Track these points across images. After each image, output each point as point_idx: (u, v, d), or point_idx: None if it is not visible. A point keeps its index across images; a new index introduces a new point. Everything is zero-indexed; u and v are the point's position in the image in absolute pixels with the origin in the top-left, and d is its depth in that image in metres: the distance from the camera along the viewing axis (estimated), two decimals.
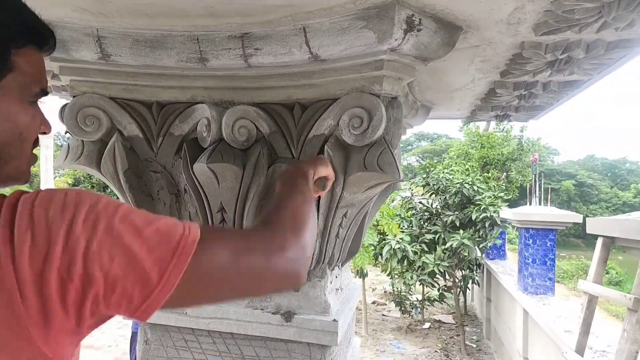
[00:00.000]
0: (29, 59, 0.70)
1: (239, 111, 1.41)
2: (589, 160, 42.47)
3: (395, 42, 1.15)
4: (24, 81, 0.70)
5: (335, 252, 1.61)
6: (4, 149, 0.69)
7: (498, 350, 8.55)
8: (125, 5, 1.14)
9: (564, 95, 1.85)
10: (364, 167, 1.32)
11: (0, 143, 0.68)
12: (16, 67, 0.68)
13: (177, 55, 1.32)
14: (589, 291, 3.74)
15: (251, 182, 1.46)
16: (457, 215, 9.10)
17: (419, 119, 2.19)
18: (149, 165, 1.55)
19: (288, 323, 1.57)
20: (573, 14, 1.08)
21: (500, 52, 1.41)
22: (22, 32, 0.68)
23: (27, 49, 0.69)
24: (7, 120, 0.68)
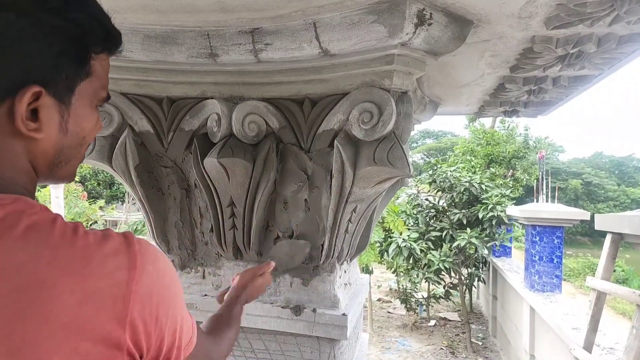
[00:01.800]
0: (103, 65, 0.71)
1: (249, 106, 1.41)
2: (596, 157, 42.18)
3: (406, 36, 1.15)
4: (96, 87, 0.71)
5: (344, 246, 1.62)
6: (68, 151, 0.70)
7: (504, 347, 8.53)
8: (138, 1, 1.14)
9: (574, 90, 1.84)
10: (374, 162, 1.33)
11: (66, 146, 0.69)
12: (93, 72, 0.68)
13: (187, 51, 1.33)
14: (597, 288, 3.72)
15: (261, 176, 1.47)
16: (464, 213, 9.07)
17: (427, 114, 2.19)
18: (160, 160, 1.56)
19: (297, 317, 1.58)
20: (585, 7, 1.07)
21: (511, 46, 1.40)
22: (101, 38, 0.68)
23: (103, 55, 0.70)
24: (76, 124, 0.69)
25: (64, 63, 0.64)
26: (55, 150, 0.68)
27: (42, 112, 0.62)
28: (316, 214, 1.52)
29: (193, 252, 1.72)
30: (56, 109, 0.65)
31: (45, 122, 0.63)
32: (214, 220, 1.58)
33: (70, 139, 0.69)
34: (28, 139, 0.63)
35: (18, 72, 0.60)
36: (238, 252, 1.62)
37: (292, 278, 1.65)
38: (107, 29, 0.69)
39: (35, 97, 0.61)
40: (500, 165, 16.49)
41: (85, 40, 0.65)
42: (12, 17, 0.58)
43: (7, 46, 0.59)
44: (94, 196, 19.58)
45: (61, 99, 0.65)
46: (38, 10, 0.60)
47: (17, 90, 0.60)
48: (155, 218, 1.63)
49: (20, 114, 0.60)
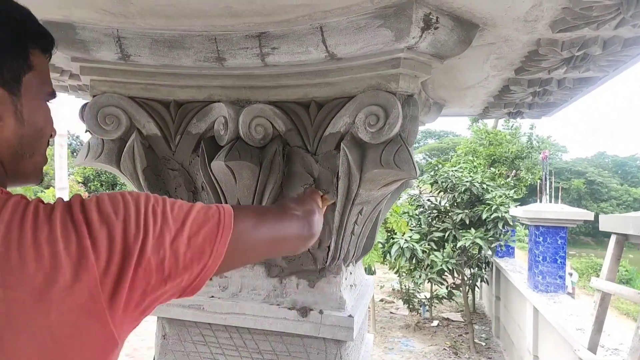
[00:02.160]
0: (41, 60, 0.74)
1: (255, 110, 1.42)
2: (599, 157, 42.11)
3: (412, 40, 1.16)
4: (39, 80, 0.74)
5: (350, 248, 1.63)
6: (28, 142, 0.72)
7: (507, 348, 8.53)
8: (147, 7, 1.16)
9: (579, 92, 1.84)
10: (381, 165, 1.33)
11: (25, 135, 0.71)
12: (34, 66, 0.72)
13: (195, 55, 1.34)
14: (602, 288, 3.72)
15: (267, 179, 1.47)
16: (467, 213, 9.07)
17: (432, 116, 2.20)
18: (167, 163, 1.58)
19: (304, 318, 1.58)
20: (591, 11, 1.08)
21: (516, 49, 1.41)
22: (34, 34, 0.72)
23: (37, 51, 0.73)
24: (29, 115, 0.71)
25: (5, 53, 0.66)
26: (16, 138, 0.70)
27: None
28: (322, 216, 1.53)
29: None
30: (8, 98, 0.67)
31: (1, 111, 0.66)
32: None
33: (28, 129, 0.71)
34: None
35: None
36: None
37: (298, 280, 1.66)
38: (37, 25, 0.73)
39: None
40: (503, 166, 16.48)
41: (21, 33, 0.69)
42: None
43: None
44: None
45: (10, 90, 0.67)
46: None
47: None
48: None
49: None
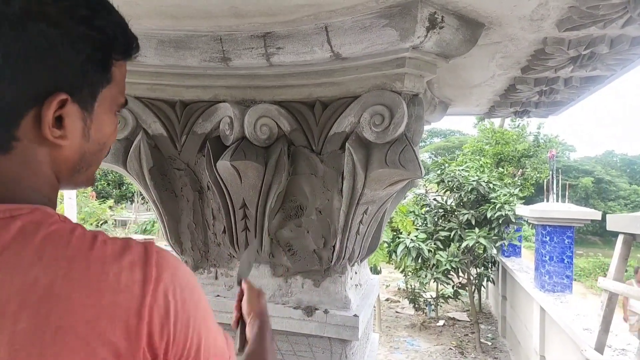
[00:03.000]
0: (121, 71, 0.71)
1: (260, 109, 1.43)
2: (607, 155, 41.79)
3: (417, 39, 1.16)
4: (115, 93, 0.71)
5: (355, 248, 1.63)
6: (89, 157, 0.71)
7: (514, 348, 8.49)
8: (153, 8, 1.16)
9: (586, 91, 1.83)
10: (386, 164, 1.33)
11: (88, 152, 0.70)
12: (113, 79, 0.69)
13: (200, 55, 1.34)
14: (609, 288, 3.69)
15: (273, 179, 1.48)
16: (473, 213, 9.03)
17: (437, 115, 2.19)
18: (173, 163, 1.58)
19: (309, 318, 1.59)
20: (598, 9, 1.07)
21: (522, 48, 1.40)
22: (123, 45, 0.69)
23: (122, 61, 0.70)
24: (98, 130, 0.69)
25: (88, 70, 0.64)
26: (78, 156, 0.68)
27: (67, 119, 0.63)
28: (327, 216, 1.53)
29: (206, 253, 1.73)
30: (79, 115, 0.65)
31: (69, 129, 0.63)
32: (226, 221, 1.60)
33: (92, 145, 0.70)
34: (53, 146, 0.63)
35: (46, 80, 0.60)
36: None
37: (303, 279, 1.66)
38: (128, 36, 0.69)
39: (61, 105, 0.61)
40: (510, 164, 16.40)
41: (108, 47, 0.66)
42: (43, 27, 0.58)
43: (37, 55, 0.59)
44: (103, 196, 19.72)
45: (84, 106, 0.65)
46: (67, 19, 0.60)
47: (45, 98, 0.60)
48: (168, 220, 1.65)
49: (48, 122, 0.60)
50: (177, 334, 0.61)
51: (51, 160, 0.65)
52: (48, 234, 0.57)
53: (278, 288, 1.68)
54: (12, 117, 0.60)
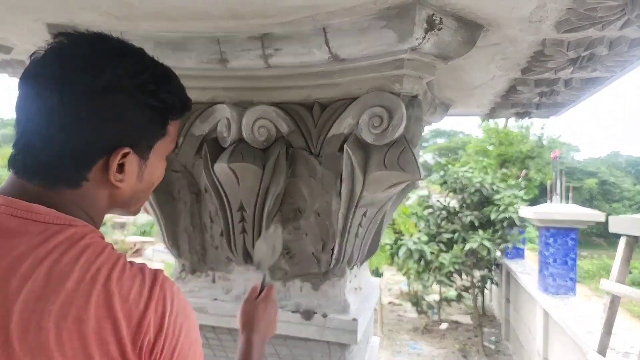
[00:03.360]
0: (175, 126, 0.90)
1: (258, 111, 1.42)
2: (612, 156, 41.59)
3: (415, 41, 1.15)
4: (168, 143, 0.89)
5: (354, 251, 1.62)
6: (140, 195, 0.89)
7: (517, 351, 8.45)
8: (151, 9, 1.16)
9: (587, 92, 1.82)
10: (384, 167, 1.32)
11: (139, 190, 0.87)
12: (168, 133, 0.87)
13: (198, 57, 1.34)
14: (611, 291, 3.67)
15: (270, 181, 1.47)
16: (476, 215, 9.00)
17: (438, 116, 2.18)
18: (170, 164, 1.58)
19: (308, 322, 1.58)
20: (596, 11, 1.06)
21: (522, 49, 1.39)
22: (178, 109, 0.87)
23: (177, 119, 0.89)
24: (150, 174, 0.87)
25: (149, 129, 0.82)
26: (131, 194, 0.85)
27: (127, 166, 0.79)
28: (326, 219, 1.52)
29: (203, 256, 1.73)
30: (137, 163, 0.82)
31: (128, 174, 0.80)
32: (224, 224, 1.59)
33: (144, 185, 0.87)
34: (113, 187, 0.80)
35: (116, 136, 0.77)
36: (248, 257, 1.63)
37: (302, 283, 1.65)
38: (184, 101, 0.89)
39: (124, 155, 0.77)
40: (513, 165, 16.37)
41: (167, 112, 0.84)
42: (120, 97, 0.76)
43: (112, 118, 0.75)
44: None
45: (142, 155, 0.83)
46: (139, 92, 0.77)
47: (114, 150, 0.76)
48: (165, 222, 1.64)
49: (113, 169, 0.77)
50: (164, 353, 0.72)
51: (109, 197, 0.82)
52: (89, 243, 0.72)
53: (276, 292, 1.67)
54: (87, 162, 0.76)
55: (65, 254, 0.69)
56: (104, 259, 0.71)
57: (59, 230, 0.71)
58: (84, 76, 0.73)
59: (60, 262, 0.68)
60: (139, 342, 0.68)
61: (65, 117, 0.72)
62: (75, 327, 0.65)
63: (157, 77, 0.81)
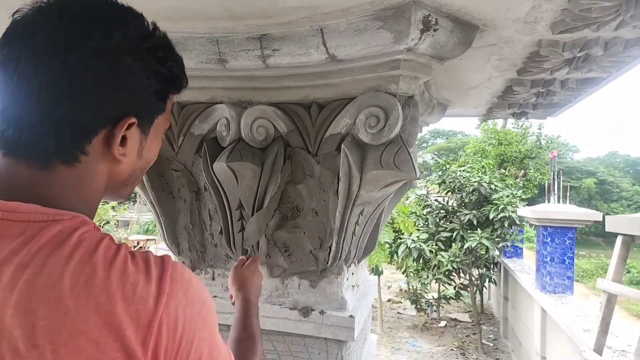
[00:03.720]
0: (171, 103, 0.82)
1: (257, 111, 1.44)
2: (610, 156, 41.65)
3: (411, 42, 1.16)
4: (165, 120, 0.82)
5: (351, 249, 1.63)
6: (137, 173, 0.81)
7: (515, 349, 8.48)
8: (149, 10, 1.14)
9: (583, 93, 1.83)
10: (381, 166, 1.34)
11: (137, 169, 0.80)
12: (166, 109, 0.80)
13: (197, 57, 1.35)
14: (608, 290, 3.69)
15: (269, 180, 1.49)
16: (475, 214, 9.02)
17: (435, 116, 2.20)
18: (170, 164, 1.59)
19: (305, 318, 1.60)
20: (590, 12, 1.08)
21: (517, 50, 1.41)
22: (180, 81, 0.80)
23: (172, 95, 0.81)
24: (148, 150, 0.80)
25: (154, 101, 0.75)
26: (129, 172, 0.78)
27: (130, 139, 0.72)
28: (323, 217, 1.54)
29: (203, 254, 1.74)
30: (139, 137, 0.75)
31: (130, 148, 0.73)
32: (223, 222, 1.61)
33: (142, 164, 0.80)
34: (114, 162, 0.72)
35: (122, 105, 0.70)
36: (247, 254, 1.65)
37: (300, 280, 1.67)
38: (184, 74, 0.81)
39: (129, 126, 0.70)
40: (512, 165, 16.38)
41: (171, 83, 0.78)
42: (129, 60, 0.68)
43: (122, 84, 0.68)
44: None
45: (144, 130, 0.76)
46: (149, 57, 0.71)
47: (119, 120, 0.69)
48: (165, 220, 1.66)
49: (117, 140, 0.69)
50: (182, 349, 0.65)
51: (108, 174, 0.74)
52: (80, 240, 0.63)
53: (275, 289, 1.69)
54: (89, 132, 0.68)
55: (52, 256, 0.60)
56: (100, 257, 0.62)
57: (41, 228, 0.62)
58: (93, 34, 0.65)
59: (46, 268, 0.59)
60: (151, 344, 0.60)
61: (69, 81, 0.64)
62: (73, 340, 0.56)
63: (163, 43, 0.75)
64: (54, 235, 0.62)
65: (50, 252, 0.60)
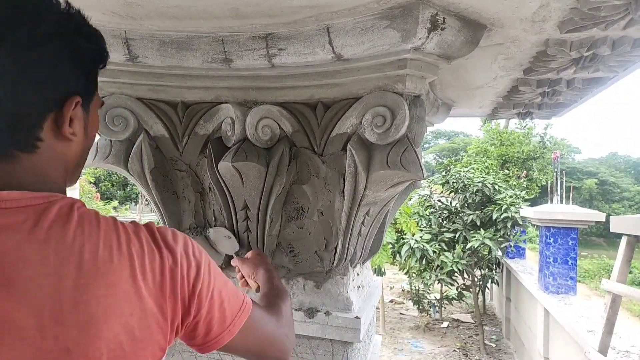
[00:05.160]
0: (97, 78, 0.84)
1: (262, 111, 1.43)
2: (612, 157, 41.58)
3: (419, 41, 1.15)
4: (98, 97, 0.84)
5: (357, 249, 1.62)
6: (85, 154, 0.84)
7: (518, 350, 8.46)
8: (154, 8, 1.16)
9: (588, 92, 1.82)
10: (387, 166, 1.33)
11: (86, 148, 0.83)
12: (97, 84, 0.82)
13: (202, 56, 1.34)
14: (612, 290, 3.67)
15: (274, 180, 1.48)
16: (478, 214, 9.00)
17: (440, 116, 2.19)
18: (175, 164, 1.59)
19: (311, 319, 1.59)
20: (599, 11, 1.07)
21: (524, 49, 1.40)
22: (106, 55, 0.82)
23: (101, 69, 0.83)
24: (92, 129, 0.82)
25: (90, 78, 0.78)
26: (81, 151, 0.81)
27: (75, 119, 0.74)
28: (329, 217, 1.53)
29: None
30: (83, 116, 0.77)
31: (77, 127, 0.75)
32: (227, 223, 1.60)
33: (88, 142, 0.82)
34: (67, 142, 0.75)
35: (64, 87, 0.72)
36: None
37: (305, 281, 1.66)
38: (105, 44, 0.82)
39: (74, 107, 0.73)
40: (515, 166, 16.35)
41: (100, 57, 0.80)
42: (63, 43, 0.71)
43: (56, 67, 0.70)
44: (107, 197, 19.81)
45: (85, 108, 0.78)
46: (77, 37, 0.73)
47: (64, 102, 0.72)
48: (170, 221, 1.65)
49: (67, 120, 0.72)
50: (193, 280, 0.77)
51: (64, 157, 0.76)
52: (81, 213, 0.70)
53: None
54: (37, 120, 0.70)
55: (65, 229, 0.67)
56: (105, 227, 0.71)
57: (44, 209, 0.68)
58: (21, 24, 0.67)
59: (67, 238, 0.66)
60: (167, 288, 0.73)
61: (6, 73, 0.66)
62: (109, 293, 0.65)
63: (84, 20, 0.76)
64: (57, 213, 0.68)
65: (62, 225, 0.67)
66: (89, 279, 0.64)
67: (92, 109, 0.81)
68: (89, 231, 0.68)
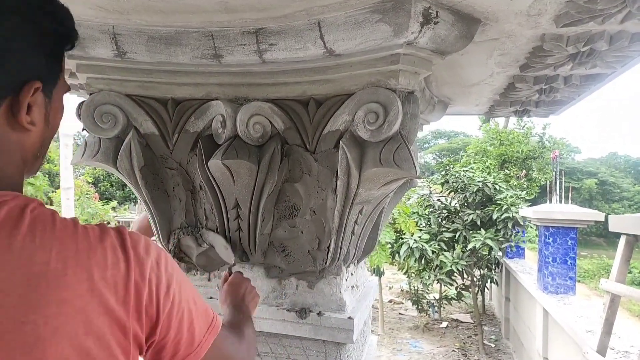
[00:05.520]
0: (65, 58, 0.77)
1: (253, 107, 1.40)
2: (611, 157, 41.56)
3: (411, 35, 1.13)
4: (64, 81, 0.77)
5: (350, 249, 1.60)
6: (47, 142, 0.76)
7: (517, 350, 8.44)
8: (141, 2, 1.14)
9: (586, 89, 1.80)
10: (380, 163, 1.30)
11: (47, 137, 0.75)
12: (63, 68, 0.75)
13: (191, 52, 1.32)
14: (611, 290, 3.65)
15: (266, 178, 1.45)
16: (478, 214, 8.98)
17: (436, 114, 2.16)
18: (165, 162, 1.56)
19: (303, 320, 1.56)
20: (596, 4, 1.04)
21: (520, 45, 1.37)
22: (74, 36, 0.75)
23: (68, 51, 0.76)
24: (54, 118, 0.75)
25: (52, 61, 0.71)
26: (41, 141, 0.73)
27: (35, 107, 0.68)
28: (322, 216, 1.50)
29: None
30: (43, 103, 0.70)
31: (36, 115, 0.68)
32: (219, 222, 1.57)
33: (50, 131, 0.75)
34: (23, 132, 0.68)
35: (21, 70, 0.65)
36: (244, 254, 1.61)
37: (297, 281, 1.64)
38: (74, 25, 0.75)
39: (32, 93, 0.66)
40: (514, 166, 16.34)
41: (66, 39, 0.73)
42: (18, 20, 0.63)
43: (13, 47, 0.63)
44: (107, 197, 19.77)
45: (47, 94, 0.71)
46: (39, 14, 0.66)
47: (21, 87, 0.64)
48: (160, 220, 1.62)
49: (24, 107, 0.65)
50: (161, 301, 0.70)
51: (21, 147, 0.69)
52: (34, 217, 0.61)
53: (272, 290, 1.66)
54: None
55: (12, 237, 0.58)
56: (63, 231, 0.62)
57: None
58: None
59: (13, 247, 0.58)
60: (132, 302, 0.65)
61: None
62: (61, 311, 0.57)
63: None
64: (5, 218, 0.60)
65: (9, 233, 0.58)
66: (37, 295, 0.56)
67: (56, 95, 0.74)
68: (41, 239, 0.60)
